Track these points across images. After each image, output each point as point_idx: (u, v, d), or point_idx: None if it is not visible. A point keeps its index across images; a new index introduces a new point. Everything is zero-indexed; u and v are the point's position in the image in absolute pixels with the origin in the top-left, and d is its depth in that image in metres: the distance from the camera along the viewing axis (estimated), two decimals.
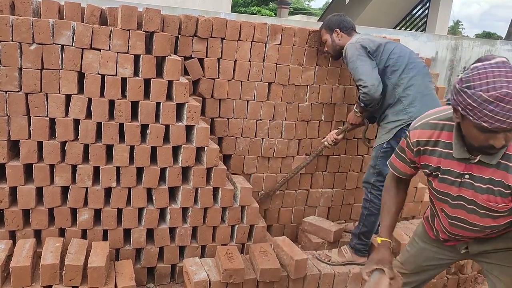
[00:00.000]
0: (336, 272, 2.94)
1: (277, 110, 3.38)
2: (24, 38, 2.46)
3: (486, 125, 1.46)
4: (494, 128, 1.46)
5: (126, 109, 2.67)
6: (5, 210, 2.59)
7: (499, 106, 1.42)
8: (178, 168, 2.82)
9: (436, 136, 1.77)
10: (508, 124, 1.44)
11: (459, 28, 47.56)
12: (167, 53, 2.73)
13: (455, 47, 7.34)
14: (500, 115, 1.43)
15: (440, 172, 1.80)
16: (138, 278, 2.79)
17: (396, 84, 2.94)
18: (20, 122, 2.53)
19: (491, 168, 1.67)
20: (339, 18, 3.19)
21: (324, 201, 3.69)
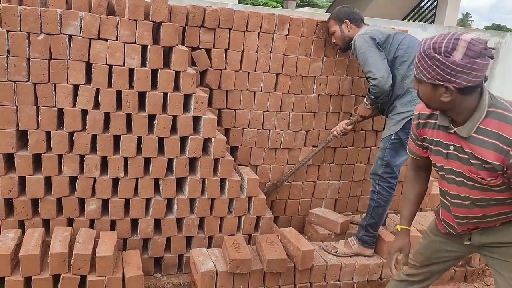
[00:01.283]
0: (342, 263, 2.94)
1: (284, 101, 3.37)
2: (32, 28, 2.47)
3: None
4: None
5: (134, 99, 2.67)
6: (14, 200, 2.61)
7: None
8: (185, 158, 2.82)
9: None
10: (416, 73, 1.71)
11: (468, 21, 47.10)
12: (175, 43, 2.72)
13: None
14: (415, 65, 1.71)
15: (433, 144, 1.87)
16: (145, 268, 2.81)
17: (405, 75, 2.91)
18: (28, 112, 2.54)
19: (467, 141, 1.72)
20: (348, 10, 3.16)
21: (331, 192, 3.68)
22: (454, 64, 1.57)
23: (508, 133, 1.61)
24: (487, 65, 1.60)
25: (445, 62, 1.59)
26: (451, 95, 1.64)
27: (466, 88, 1.62)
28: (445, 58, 1.59)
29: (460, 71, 1.58)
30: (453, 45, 1.58)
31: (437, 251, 2.14)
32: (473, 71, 1.57)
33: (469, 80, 1.59)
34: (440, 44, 1.60)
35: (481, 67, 1.58)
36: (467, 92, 1.64)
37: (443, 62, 1.59)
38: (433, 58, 1.62)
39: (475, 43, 1.56)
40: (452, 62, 1.58)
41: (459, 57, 1.57)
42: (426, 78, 1.67)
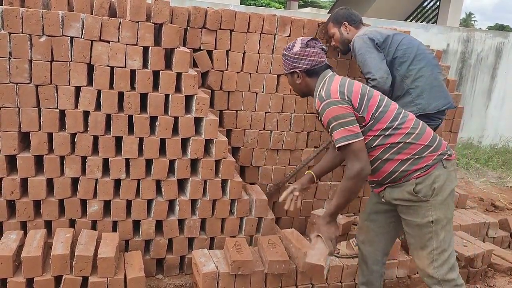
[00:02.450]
0: (344, 264, 2.94)
1: (286, 103, 3.37)
2: (34, 30, 2.47)
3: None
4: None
5: (135, 101, 2.67)
6: (17, 201, 2.62)
7: None
8: (187, 160, 2.83)
9: None
10: (283, 70, 2.43)
11: (471, 21, 46.95)
12: (176, 45, 2.73)
13: (466, 39, 7.25)
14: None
15: None
16: (147, 269, 2.81)
17: (404, 75, 2.91)
18: (30, 114, 2.55)
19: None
20: (346, 12, 3.16)
21: (333, 193, 3.68)
22: (294, 54, 2.29)
23: (316, 104, 2.27)
24: (318, 53, 2.28)
25: (289, 55, 2.32)
26: (301, 78, 2.33)
27: (308, 71, 2.31)
28: (289, 52, 2.32)
29: (298, 58, 2.29)
30: (293, 43, 2.33)
31: (372, 206, 2.53)
32: (307, 56, 2.28)
33: (306, 63, 2.29)
34: (288, 45, 2.36)
35: (312, 54, 2.28)
36: (311, 74, 2.32)
37: (288, 55, 2.32)
38: (284, 55, 2.36)
39: (306, 38, 2.30)
40: (293, 53, 2.30)
41: (297, 49, 2.29)
42: (285, 70, 2.39)
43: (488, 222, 3.80)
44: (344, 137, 2.12)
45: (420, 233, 2.26)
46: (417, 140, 2.21)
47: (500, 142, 7.71)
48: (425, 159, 2.20)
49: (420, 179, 2.20)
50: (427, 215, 2.22)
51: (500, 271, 3.43)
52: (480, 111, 7.68)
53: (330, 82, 2.24)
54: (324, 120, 2.19)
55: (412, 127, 2.23)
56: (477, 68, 7.44)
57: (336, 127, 2.14)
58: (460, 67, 7.34)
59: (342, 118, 2.13)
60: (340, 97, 2.16)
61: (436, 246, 2.23)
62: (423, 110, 2.90)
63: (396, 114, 2.24)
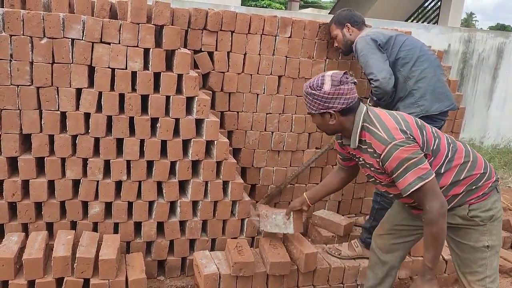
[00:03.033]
0: (346, 266, 2.93)
1: (287, 104, 3.37)
2: (35, 32, 2.48)
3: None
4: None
5: (136, 102, 2.67)
6: (18, 203, 2.62)
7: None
8: (188, 161, 2.83)
9: None
10: (307, 109, 2.16)
11: (472, 21, 46.90)
12: (177, 46, 2.73)
13: (468, 39, 7.23)
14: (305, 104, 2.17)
15: (354, 157, 2.26)
16: (148, 270, 2.81)
17: (407, 76, 2.91)
18: (31, 116, 2.55)
19: (361, 151, 2.13)
20: (348, 13, 3.16)
21: (335, 195, 3.67)
22: (326, 93, 2.04)
23: (376, 147, 2.03)
24: (352, 89, 2.06)
25: (319, 94, 2.05)
26: (335, 118, 2.09)
27: (343, 110, 2.07)
28: (319, 91, 2.05)
29: (332, 98, 2.04)
30: (321, 80, 2.06)
31: (404, 219, 2.37)
32: (342, 95, 2.04)
33: (342, 103, 2.05)
34: (313, 83, 2.08)
35: (347, 91, 2.04)
36: (346, 113, 2.09)
37: (319, 94, 2.05)
38: (311, 94, 2.08)
39: (335, 75, 2.05)
40: (324, 93, 2.04)
41: (328, 88, 2.03)
42: (313, 110, 2.12)
43: None
44: (419, 177, 1.94)
45: (473, 257, 2.14)
46: (472, 171, 2.09)
47: (502, 142, 7.70)
48: (482, 188, 2.10)
49: (475, 205, 2.09)
50: (482, 239, 2.10)
51: (502, 272, 3.42)
52: (482, 112, 7.66)
53: (380, 120, 2.06)
54: (391, 164, 1.98)
55: (464, 157, 2.11)
56: (479, 68, 7.43)
57: (410, 167, 1.95)
58: (462, 68, 7.33)
59: (413, 157, 1.95)
60: (405, 137, 1.99)
61: (490, 274, 2.12)
62: (426, 112, 2.89)
63: (447, 146, 2.11)
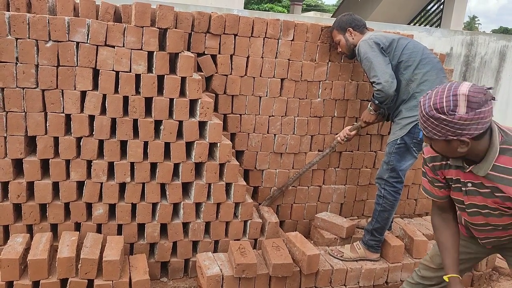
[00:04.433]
0: (348, 267, 2.94)
1: (289, 106, 3.39)
2: (40, 35, 2.51)
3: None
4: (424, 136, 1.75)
5: (140, 105, 2.70)
6: (23, 205, 2.65)
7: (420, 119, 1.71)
8: (191, 163, 2.84)
9: None
10: (425, 132, 1.71)
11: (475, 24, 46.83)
12: (180, 49, 2.75)
13: (470, 42, 7.24)
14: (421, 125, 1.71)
15: (453, 182, 1.89)
16: (152, 272, 2.83)
17: (409, 79, 2.92)
18: (36, 118, 2.58)
19: (486, 178, 1.75)
20: (349, 17, 3.18)
21: (337, 197, 3.69)
22: (462, 119, 1.59)
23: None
24: (492, 108, 1.62)
25: (452, 120, 1.60)
26: (467, 145, 1.66)
27: (479, 135, 1.65)
28: (451, 117, 1.59)
29: (469, 124, 1.59)
30: (454, 102, 1.59)
31: (460, 254, 2.09)
32: (481, 119, 1.59)
33: (480, 128, 1.62)
34: (441, 104, 1.61)
35: (487, 114, 1.60)
36: (480, 137, 1.67)
37: (450, 120, 1.60)
38: (439, 119, 1.62)
39: (474, 94, 1.58)
40: (459, 119, 1.59)
41: (463, 112, 1.58)
42: (438, 136, 1.67)
43: None
44: None
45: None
46: None
47: None
48: None
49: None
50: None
51: (505, 274, 3.41)
52: None
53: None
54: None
55: None
56: (481, 72, 7.43)
57: None
58: (464, 71, 7.33)
59: None
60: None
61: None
62: None
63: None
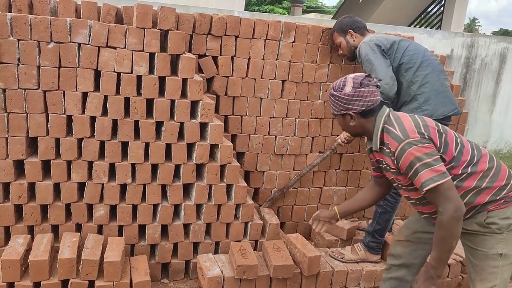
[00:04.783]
0: (349, 269, 2.94)
1: (290, 108, 3.39)
2: (42, 36, 2.51)
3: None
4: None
5: (141, 106, 2.70)
6: (24, 206, 2.65)
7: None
8: (192, 165, 2.85)
9: None
10: (331, 110, 2.19)
11: (475, 26, 46.86)
12: (182, 51, 2.76)
13: (471, 44, 7.25)
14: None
15: (378, 162, 2.23)
16: (152, 273, 2.83)
17: (411, 81, 2.92)
18: (38, 119, 2.58)
19: (382, 154, 2.11)
20: (350, 19, 3.18)
21: (338, 198, 3.69)
22: (346, 95, 2.06)
23: (391, 146, 2.02)
24: (373, 92, 2.06)
25: (340, 96, 2.08)
26: (355, 120, 2.11)
27: (363, 112, 2.08)
28: (339, 93, 2.08)
29: (352, 100, 2.06)
30: (343, 82, 2.08)
31: (421, 227, 2.34)
32: (361, 97, 2.05)
33: (362, 105, 2.06)
34: (335, 85, 2.11)
35: (367, 94, 2.05)
36: (366, 115, 2.10)
37: (339, 96, 2.08)
38: (333, 95, 2.11)
39: (357, 77, 2.06)
40: (344, 94, 2.06)
41: (349, 90, 2.06)
42: (335, 111, 2.16)
43: None
44: (432, 179, 1.91)
45: (485, 264, 2.11)
46: (493, 182, 2.06)
47: (505, 147, 7.69)
48: (503, 197, 2.07)
49: (493, 212, 2.07)
50: (497, 247, 2.07)
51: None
52: (485, 117, 7.66)
53: (400, 122, 2.05)
54: (404, 162, 1.97)
55: (488, 163, 2.09)
56: (482, 74, 7.43)
57: (421, 168, 1.93)
58: (464, 73, 7.34)
59: (426, 158, 1.94)
60: (420, 136, 1.98)
61: (499, 283, 2.08)
62: (430, 116, 2.90)
63: (471, 154, 2.08)
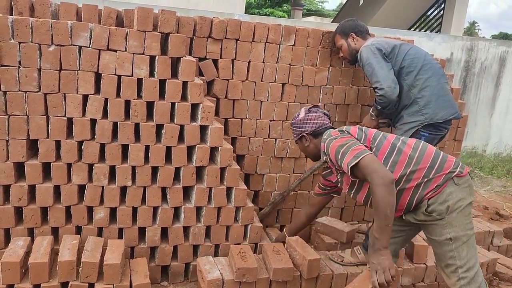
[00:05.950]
0: (349, 272, 2.94)
1: (290, 111, 3.40)
2: (43, 39, 2.52)
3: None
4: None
5: (142, 109, 2.71)
6: (24, 208, 2.65)
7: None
8: (193, 167, 2.85)
9: None
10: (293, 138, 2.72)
11: (475, 29, 46.91)
12: (182, 54, 2.76)
13: (470, 48, 7.27)
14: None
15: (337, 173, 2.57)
16: (152, 276, 2.83)
17: (411, 85, 2.93)
18: (38, 122, 2.59)
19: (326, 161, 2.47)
20: (352, 23, 3.19)
21: (337, 202, 3.69)
22: (300, 120, 2.60)
23: (322, 147, 2.44)
24: (321, 117, 2.57)
25: (296, 122, 2.62)
26: (309, 141, 2.59)
27: (314, 133, 2.56)
28: (295, 120, 2.63)
29: (303, 123, 2.58)
30: (298, 113, 2.65)
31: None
32: (310, 120, 2.56)
33: (311, 126, 2.56)
34: (294, 116, 2.68)
35: (315, 118, 2.56)
36: (317, 136, 2.56)
37: (295, 123, 2.63)
38: (292, 124, 2.67)
39: (307, 107, 2.64)
40: (298, 120, 2.61)
41: (301, 116, 2.60)
42: (295, 136, 2.68)
43: (493, 231, 3.80)
44: (354, 157, 2.16)
45: (441, 250, 2.26)
46: (418, 165, 2.23)
47: (505, 150, 7.70)
48: (435, 179, 2.22)
49: (432, 199, 2.21)
50: (444, 232, 2.22)
51: (505, 280, 3.41)
52: (484, 120, 7.67)
53: (329, 133, 2.45)
54: (331, 155, 2.30)
55: (410, 153, 2.26)
56: (481, 77, 7.45)
57: (345, 151, 2.21)
58: (464, 76, 7.36)
59: (346, 143, 2.24)
60: (339, 133, 2.36)
61: (461, 264, 2.20)
62: (430, 120, 2.92)
63: (393, 143, 2.30)
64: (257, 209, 3.42)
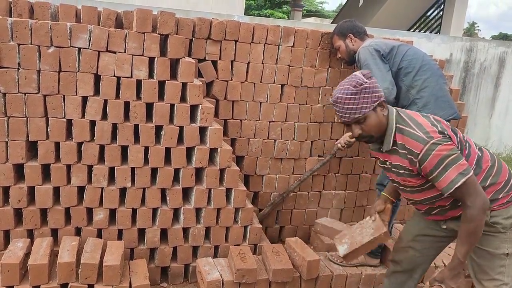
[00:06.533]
0: (348, 273, 2.94)
1: (289, 112, 3.40)
2: (42, 41, 2.52)
3: (340, 120, 2.21)
4: (343, 122, 2.10)
5: (141, 110, 2.71)
6: (24, 209, 2.65)
7: (337, 106, 2.03)
8: (192, 169, 2.85)
9: None
10: (346, 118, 2.03)
11: (475, 30, 46.94)
12: (181, 55, 2.77)
13: (470, 48, 7.27)
14: (339, 112, 2.04)
15: (381, 163, 2.24)
16: (152, 277, 2.83)
17: (410, 86, 2.94)
18: (38, 123, 2.59)
19: (390, 155, 2.11)
20: (351, 24, 3.20)
21: (337, 202, 3.69)
22: (370, 83, 2.02)
23: (413, 147, 1.99)
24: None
25: (370, 85, 2.01)
26: (386, 107, 2.08)
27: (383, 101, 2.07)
28: (367, 84, 2.01)
29: (376, 87, 2.03)
30: (357, 76, 2.04)
31: (422, 229, 2.35)
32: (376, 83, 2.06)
33: (381, 90, 2.07)
34: (353, 82, 2.02)
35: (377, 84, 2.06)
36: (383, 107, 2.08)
37: (369, 85, 2.01)
38: (363, 90, 2.00)
39: (362, 72, 2.07)
40: (370, 83, 2.02)
41: (367, 80, 2.02)
42: (368, 108, 2.01)
43: None
44: (461, 173, 1.93)
45: (491, 264, 2.13)
46: (497, 177, 2.10)
47: (505, 151, 7.70)
48: (506, 196, 2.10)
49: (496, 212, 2.09)
50: (502, 247, 2.10)
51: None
52: (484, 120, 7.67)
53: (415, 121, 2.05)
54: (431, 161, 1.95)
55: (490, 161, 2.12)
56: (481, 78, 7.45)
57: (450, 164, 1.94)
58: (464, 77, 7.36)
59: (452, 154, 1.95)
60: (442, 136, 1.98)
61: (507, 281, 2.11)
62: None
63: (477, 150, 2.13)
64: (257, 210, 3.42)
